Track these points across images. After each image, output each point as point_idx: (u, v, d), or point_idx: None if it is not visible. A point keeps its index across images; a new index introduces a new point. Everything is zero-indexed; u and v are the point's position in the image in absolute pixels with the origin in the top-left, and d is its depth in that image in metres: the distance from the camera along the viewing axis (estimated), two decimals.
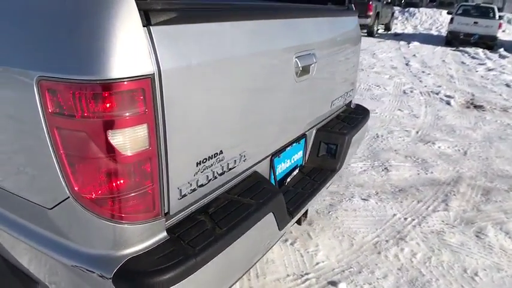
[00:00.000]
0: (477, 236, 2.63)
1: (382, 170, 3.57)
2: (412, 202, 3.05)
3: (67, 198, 0.96)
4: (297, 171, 1.86)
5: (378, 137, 4.41)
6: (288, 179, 1.78)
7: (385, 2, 15.65)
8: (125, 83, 0.85)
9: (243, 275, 1.45)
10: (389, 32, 16.73)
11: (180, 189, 1.07)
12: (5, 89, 0.98)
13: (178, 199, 1.07)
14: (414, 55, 10.56)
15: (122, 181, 0.92)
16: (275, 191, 1.40)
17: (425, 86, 7.01)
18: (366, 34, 14.67)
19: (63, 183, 0.94)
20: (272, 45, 1.31)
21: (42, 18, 0.92)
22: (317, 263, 2.27)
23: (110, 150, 0.88)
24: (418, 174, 3.55)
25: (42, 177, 0.99)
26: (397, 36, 15.05)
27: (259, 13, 1.29)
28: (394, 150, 4.06)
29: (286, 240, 2.45)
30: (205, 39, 1.04)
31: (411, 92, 6.55)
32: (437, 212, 2.92)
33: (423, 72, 8.31)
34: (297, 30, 1.50)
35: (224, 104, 1.15)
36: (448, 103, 5.96)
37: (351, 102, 2.44)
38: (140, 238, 1.00)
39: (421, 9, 20.29)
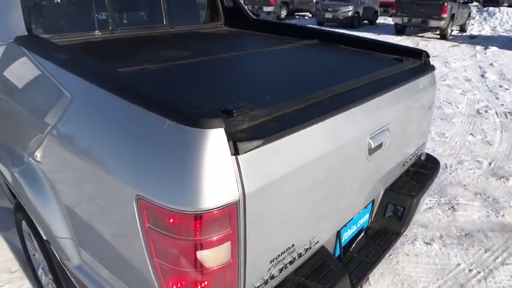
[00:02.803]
0: None
1: (449, 209, 3.42)
2: (479, 251, 2.90)
3: None
4: (362, 234, 1.87)
5: (446, 167, 4.21)
6: (353, 245, 1.79)
7: (461, 1, 14.53)
8: (214, 211, 0.93)
9: None
10: (464, 34, 15.62)
11: (255, 286, 1.14)
12: (110, 196, 1.11)
13: None
14: (491, 64, 9.78)
15: None
16: (341, 273, 1.44)
17: (502, 105, 6.50)
18: (438, 37, 13.86)
19: (156, 285, 1.06)
20: (347, 137, 1.33)
21: (143, 144, 1.03)
22: None
23: (197, 265, 0.99)
24: (488, 216, 3.36)
25: (138, 276, 1.11)
26: (473, 39, 14.00)
27: (334, 107, 1.30)
28: (462, 185, 3.86)
29: None
30: (283, 153, 1.10)
31: (486, 112, 6.12)
32: (506, 265, 2.75)
33: (500, 86, 7.69)
34: (372, 111, 1.49)
35: (298, 205, 1.20)
36: None
37: (421, 154, 2.37)
38: None
39: (502, 8, 18.63)
